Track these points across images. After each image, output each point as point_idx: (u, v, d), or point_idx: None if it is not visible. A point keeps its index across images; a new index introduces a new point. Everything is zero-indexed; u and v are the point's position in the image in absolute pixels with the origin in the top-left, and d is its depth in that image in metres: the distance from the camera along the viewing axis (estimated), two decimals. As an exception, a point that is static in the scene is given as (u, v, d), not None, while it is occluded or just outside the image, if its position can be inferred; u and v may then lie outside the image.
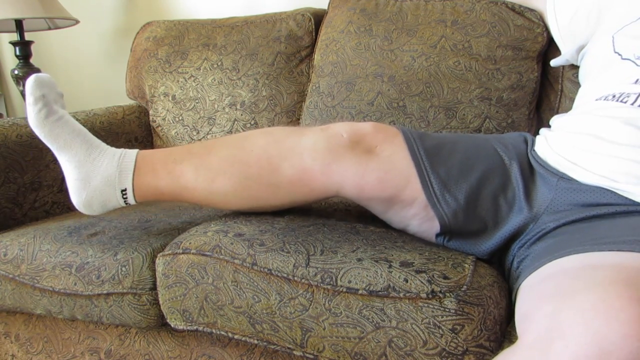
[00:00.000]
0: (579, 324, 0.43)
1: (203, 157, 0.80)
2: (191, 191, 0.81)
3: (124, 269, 0.82)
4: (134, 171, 0.81)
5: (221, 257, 0.74)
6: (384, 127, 0.79)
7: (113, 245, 0.85)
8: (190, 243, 0.78)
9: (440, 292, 0.63)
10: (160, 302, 0.80)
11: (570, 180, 0.71)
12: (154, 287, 0.81)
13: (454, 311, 0.62)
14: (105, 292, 0.82)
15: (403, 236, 0.79)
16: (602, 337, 0.41)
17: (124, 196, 0.81)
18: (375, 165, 0.75)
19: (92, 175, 0.80)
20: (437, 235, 0.77)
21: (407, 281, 0.64)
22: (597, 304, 0.44)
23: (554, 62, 1.04)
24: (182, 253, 0.77)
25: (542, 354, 0.44)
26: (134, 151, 0.83)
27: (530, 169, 0.76)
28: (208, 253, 0.75)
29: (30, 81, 0.78)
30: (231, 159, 0.79)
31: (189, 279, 0.76)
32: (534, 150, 0.79)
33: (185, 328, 0.78)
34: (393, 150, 0.76)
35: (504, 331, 0.66)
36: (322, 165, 0.75)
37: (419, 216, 0.77)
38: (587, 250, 0.57)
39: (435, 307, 0.62)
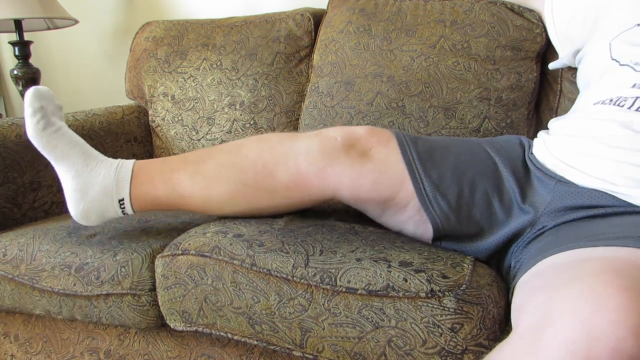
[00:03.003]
0: (568, 311, 0.44)
1: (199, 164, 0.81)
2: (188, 199, 0.82)
3: (123, 269, 0.82)
4: (131, 181, 0.81)
5: (220, 257, 0.74)
6: (378, 130, 0.79)
7: (112, 245, 0.85)
8: (189, 244, 0.78)
9: (439, 291, 0.63)
10: (160, 303, 0.80)
11: (568, 183, 0.71)
12: (153, 288, 0.81)
13: (453, 310, 0.62)
14: (104, 292, 0.82)
15: (402, 237, 0.79)
16: (590, 324, 0.41)
17: (122, 206, 0.82)
18: (370, 168, 0.75)
19: (89, 185, 0.80)
20: (433, 240, 0.78)
21: (406, 280, 0.64)
22: (586, 293, 0.44)
23: (552, 66, 1.04)
24: (182, 254, 0.77)
25: (533, 342, 0.45)
26: (131, 161, 0.83)
27: (525, 172, 0.76)
28: (207, 254, 0.75)
29: (29, 93, 0.79)
30: (227, 165, 0.80)
31: (188, 280, 0.76)
32: (531, 154, 0.79)
33: (184, 329, 0.78)
34: (387, 153, 0.76)
35: (503, 330, 0.66)
36: (317, 169, 0.76)
37: (413, 219, 0.78)
38: (581, 247, 0.58)
39: (435, 306, 0.63)
